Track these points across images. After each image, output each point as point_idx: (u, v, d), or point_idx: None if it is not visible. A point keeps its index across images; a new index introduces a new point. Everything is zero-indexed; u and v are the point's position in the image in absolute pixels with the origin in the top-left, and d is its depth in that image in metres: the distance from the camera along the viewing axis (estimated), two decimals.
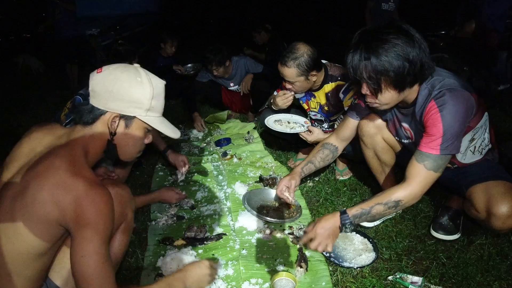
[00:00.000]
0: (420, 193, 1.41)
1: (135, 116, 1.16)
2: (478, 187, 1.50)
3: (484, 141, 1.56)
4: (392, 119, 1.66)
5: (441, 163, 1.38)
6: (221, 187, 2.35)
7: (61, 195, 0.97)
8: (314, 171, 1.88)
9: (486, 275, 1.52)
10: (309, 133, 2.17)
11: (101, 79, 1.12)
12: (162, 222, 1.96)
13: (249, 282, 1.52)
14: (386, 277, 1.53)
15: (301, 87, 2.17)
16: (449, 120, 1.33)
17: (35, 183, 0.98)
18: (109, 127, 1.14)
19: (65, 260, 1.11)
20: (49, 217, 0.98)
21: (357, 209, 1.42)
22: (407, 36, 1.30)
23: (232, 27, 10.62)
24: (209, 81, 3.54)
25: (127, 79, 1.12)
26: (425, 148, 1.38)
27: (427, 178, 1.39)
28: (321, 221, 1.44)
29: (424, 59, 1.32)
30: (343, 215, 1.42)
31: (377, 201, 1.41)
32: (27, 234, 0.99)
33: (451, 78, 1.39)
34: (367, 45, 1.32)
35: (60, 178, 0.98)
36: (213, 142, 3.09)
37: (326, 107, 2.32)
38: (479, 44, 3.57)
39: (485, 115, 1.52)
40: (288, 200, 1.77)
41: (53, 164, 1.00)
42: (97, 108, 1.12)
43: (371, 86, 1.38)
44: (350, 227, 1.42)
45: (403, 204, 1.41)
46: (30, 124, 1.25)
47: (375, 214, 1.42)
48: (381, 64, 1.30)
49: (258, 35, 4.57)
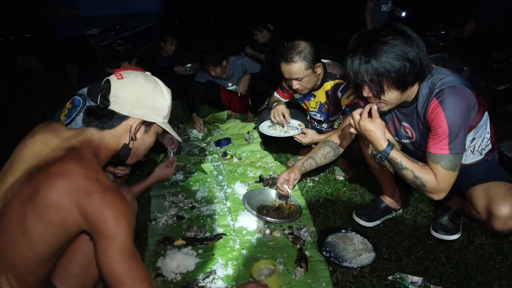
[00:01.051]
0: (445, 189, 1.42)
1: (155, 122, 1.22)
2: (478, 188, 1.50)
3: (484, 141, 1.56)
4: (392, 119, 1.66)
5: (456, 162, 1.39)
6: (221, 187, 2.35)
7: (78, 198, 0.96)
8: (314, 168, 1.88)
9: (486, 275, 1.52)
10: (303, 135, 2.19)
11: (125, 86, 1.16)
12: (162, 222, 1.96)
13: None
14: (386, 277, 1.53)
15: (310, 82, 2.16)
16: (452, 118, 1.33)
17: (47, 186, 0.96)
18: (131, 132, 1.17)
19: (69, 265, 1.11)
20: (66, 221, 0.97)
21: (398, 156, 1.45)
22: (404, 36, 1.31)
23: (233, 26, 10.61)
24: (207, 81, 3.54)
25: (151, 88, 1.19)
26: (435, 149, 1.39)
27: (449, 177, 1.40)
28: (376, 123, 1.45)
29: (422, 57, 1.33)
30: (388, 146, 1.45)
31: (414, 168, 1.43)
32: (36, 238, 0.97)
33: (451, 76, 1.39)
34: (366, 48, 1.33)
35: (76, 181, 0.97)
36: (213, 142, 3.09)
37: (326, 106, 2.32)
38: (479, 44, 3.57)
39: (485, 114, 1.52)
40: (285, 193, 1.78)
41: (66, 167, 0.99)
42: (119, 113, 1.15)
43: (373, 89, 1.38)
44: (379, 159, 1.48)
45: (425, 189, 1.44)
46: (30, 124, 1.25)
47: (403, 174, 1.46)
48: (382, 66, 1.31)
49: (259, 34, 4.55)
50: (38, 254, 0.99)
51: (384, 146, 1.45)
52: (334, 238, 1.78)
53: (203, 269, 1.62)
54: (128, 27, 6.39)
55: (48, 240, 0.98)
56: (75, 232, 1.01)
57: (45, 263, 1.02)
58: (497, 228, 1.43)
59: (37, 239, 0.97)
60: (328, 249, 1.71)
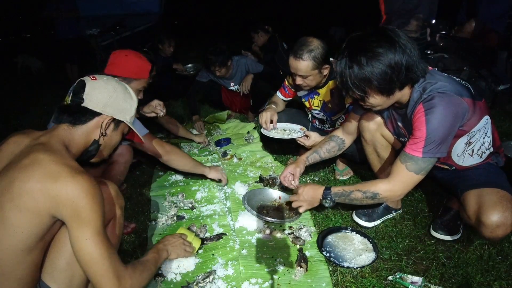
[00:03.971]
0: (400, 192, 1.48)
1: (123, 121, 1.34)
2: (471, 193, 1.49)
3: (484, 145, 1.54)
4: (390, 118, 1.67)
5: (423, 166, 1.41)
6: (221, 187, 2.35)
7: (49, 184, 1.01)
8: (318, 161, 1.94)
9: (486, 275, 1.52)
10: (306, 138, 2.20)
11: (100, 86, 1.27)
12: (162, 222, 1.96)
13: (249, 282, 1.52)
14: (386, 277, 1.53)
15: (313, 81, 2.16)
16: (434, 125, 1.34)
17: (21, 176, 1.02)
18: (102, 128, 1.28)
19: (55, 261, 1.13)
20: (39, 206, 1.01)
21: (339, 189, 1.60)
22: (390, 42, 1.31)
23: (233, 26, 10.61)
24: (209, 81, 3.54)
25: (122, 91, 1.33)
26: (409, 149, 1.42)
27: (408, 179, 1.44)
28: (308, 187, 1.69)
29: (410, 62, 1.33)
30: (326, 190, 1.62)
31: (358, 187, 1.54)
32: (16, 227, 1.00)
33: (443, 82, 1.39)
34: (350, 53, 1.35)
35: (46, 168, 1.03)
36: (213, 142, 3.09)
37: (330, 105, 2.31)
38: (479, 44, 3.56)
39: (485, 119, 1.49)
40: (292, 186, 1.80)
41: (37, 158, 1.05)
42: (92, 110, 1.25)
43: (357, 93, 1.42)
44: (329, 203, 1.62)
45: (381, 198, 1.50)
46: (30, 124, 1.27)
47: (353, 198, 1.56)
48: (362, 73, 1.33)
49: (256, 36, 4.58)
50: (19, 243, 1.02)
51: (322, 194, 1.62)
52: (334, 238, 1.78)
53: (203, 269, 1.62)
54: (128, 27, 6.39)
55: (26, 228, 1.02)
56: (48, 218, 1.04)
57: (29, 253, 1.05)
58: (485, 236, 1.41)
59: (16, 228, 1.01)
60: (328, 249, 1.71)
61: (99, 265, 1.05)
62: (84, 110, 1.24)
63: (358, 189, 1.53)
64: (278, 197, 2.10)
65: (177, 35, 4.45)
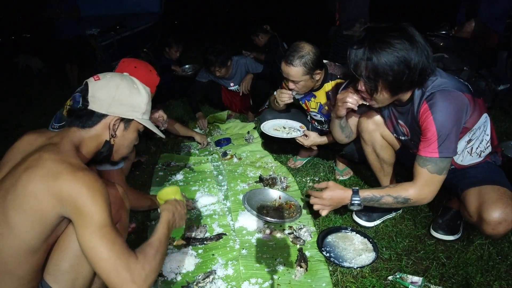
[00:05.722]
0: (430, 195, 1.46)
1: (133, 119, 1.28)
2: (471, 191, 1.50)
3: (483, 143, 1.55)
4: (390, 116, 1.67)
5: (443, 166, 1.41)
6: (221, 187, 2.35)
7: (51, 183, 1.00)
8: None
9: (486, 275, 1.52)
10: (305, 137, 2.21)
11: (102, 86, 1.22)
12: None
13: (249, 282, 1.52)
14: (386, 277, 1.53)
15: (305, 86, 2.17)
16: (441, 121, 1.35)
17: (25, 176, 1.01)
18: (110, 129, 1.24)
19: (59, 263, 1.11)
20: (43, 207, 1.00)
21: (368, 193, 1.51)
22: (411, 41, 1.30)
23: (233, 26, 10.61)
24: (209, 81, 3.54)
25: (127, 87, 1.25)
26: (424, 152, 1.41)
27: (434, 181, 1.43)
28: (335, 192, 1.55)
29: (426, 65, 1.32)
30: (355, 194, 1.51)
31: (388, 192, 1.49)
32: (20, 227, 1.00)
33: (443, 78, 1.40)
34: (371, 45, 1.33)
35: (48, 168, 1.02)
36: (213, 142, 3.09)
37: (327, 107, 2.32)
38: (479, 44, 3.56)
39: (484, 116, 1.51)
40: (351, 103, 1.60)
41: (41, 157, 1.04)
42: (98, 112, 1.21)
43: (367, 86, 1.40)
44: (357, 207, 1.52)
45: (412, 203, 1.48)
46: (30, 124, 1.27)
47: (383, 203, 1.50)
48: (381, 66, 1.31)
49: (256, 38, 4.58)
50: (23, 244, 1.01)
51: (350, 199, 1.51)
52: (334, 238, 1.78)
53: (203, 269, 1.62)
54: (128, 27, 6.38)
55: (30, 229, 1.01)
56: (54, 218, 1.03)
57: (32, 254, 1.04)
58: (487, 233, 1.42)
59: (20, 228, 1.00)
60: (328, 249, 1.71)
61: (106, 260, 1.00)
62: (90, 112, 1.21)
63: (388, 193, 1.48)
64: (278, 197, 2.11)
65: (177, 35, 4.44)
